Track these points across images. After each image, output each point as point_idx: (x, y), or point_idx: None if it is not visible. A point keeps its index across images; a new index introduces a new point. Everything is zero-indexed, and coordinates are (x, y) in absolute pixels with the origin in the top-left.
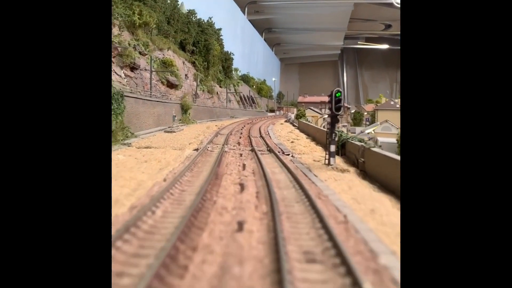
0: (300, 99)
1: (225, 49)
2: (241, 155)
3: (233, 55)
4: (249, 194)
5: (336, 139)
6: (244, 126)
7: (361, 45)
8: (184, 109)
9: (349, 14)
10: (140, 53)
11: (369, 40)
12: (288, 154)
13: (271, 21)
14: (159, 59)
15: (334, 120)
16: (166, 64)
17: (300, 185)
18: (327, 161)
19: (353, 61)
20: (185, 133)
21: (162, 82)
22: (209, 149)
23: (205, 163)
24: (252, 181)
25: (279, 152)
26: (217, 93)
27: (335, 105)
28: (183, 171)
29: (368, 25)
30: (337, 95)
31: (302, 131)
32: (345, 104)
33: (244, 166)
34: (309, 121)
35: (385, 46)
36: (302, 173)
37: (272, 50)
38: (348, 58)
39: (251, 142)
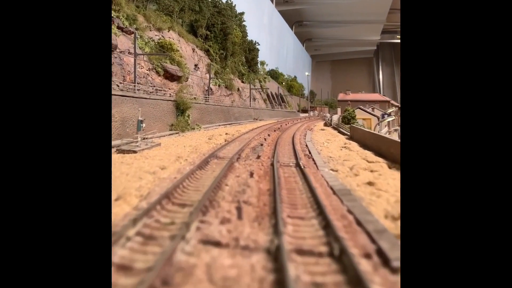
0: (341, 96)
1: (249, 38)
2: None
3: (259, 45)
4: None
5: None
6: (269, 134)
7: (400, 39)
8: (180, 108)
9: (389, 4)
10: (121, 29)
11: None
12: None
13: (302, 13)
14: (154, 40)
15: None
16: (164, 48)
17: None
18: None
19: (390, 58)
20: (153, 155)
21: (157, 72)
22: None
23: None
24: None
25: (369, 256)
26: (238, 89)
27: None
28: None
29: None
30: None
31: (363, 145)
32: (395, 103)
33: None
34: (360, 125)
35: None
36: None
37: (303, 46)
38: (384, 54)
39: (275, 195)
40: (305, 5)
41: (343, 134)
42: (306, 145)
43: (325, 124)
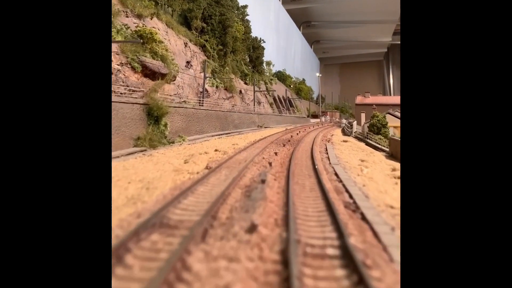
0: (359, 99)
1: (253, 34)
2: None
3: (264, 42)
4: None
5: None
6: (277, 153)
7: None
8: (154, 115)
9: None
10: None
11: None
12: None
13: (310, 12)
14: (129, 28)
15: None
16: (143, 38)
17: None
18: None
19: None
20: None
21: (133, 68)
22: None
23: None
24: None
25: None
26: (241, 91)
27: None
28: None
29: None
30: None
31: None
32: None
33: None
34: (393, 135)
35: None
36: None
37: (311, 48)
38: (395, 57)
39: None
40: (313, 4)
41: (374, 147)
42: (336, 174)
43: (344, 133)
